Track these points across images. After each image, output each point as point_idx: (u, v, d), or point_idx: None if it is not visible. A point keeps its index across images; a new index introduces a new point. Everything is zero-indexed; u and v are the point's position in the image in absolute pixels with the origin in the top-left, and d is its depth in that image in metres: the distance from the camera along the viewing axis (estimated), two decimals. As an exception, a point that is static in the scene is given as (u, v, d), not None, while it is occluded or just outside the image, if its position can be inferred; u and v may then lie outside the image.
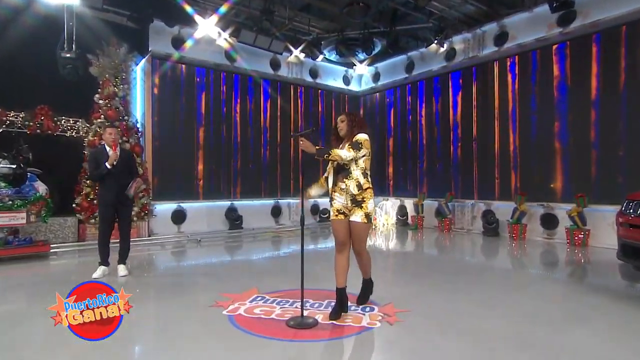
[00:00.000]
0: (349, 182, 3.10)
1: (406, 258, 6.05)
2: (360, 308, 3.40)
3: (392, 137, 10.37)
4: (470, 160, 8.54)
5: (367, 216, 3.11)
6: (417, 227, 8.95)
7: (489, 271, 5.16)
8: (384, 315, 3.25)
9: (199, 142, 8.41)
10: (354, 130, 3.17)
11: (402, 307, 3.43)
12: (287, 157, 9.73)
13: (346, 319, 3.17)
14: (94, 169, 4.33)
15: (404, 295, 3.83)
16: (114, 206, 4.38)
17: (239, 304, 3.51)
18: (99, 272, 4.38)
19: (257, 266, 5.24)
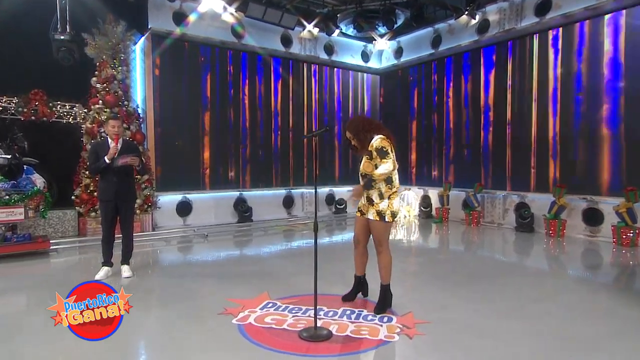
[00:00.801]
0: (372, 192, 3.32)
1: (428, 256, 5.94)
2: (378, 318, 3.36)
3: (415, 120, 10.14)
4: (503, 147, 8.26)
5: (380, 214, 3.28)
6: (442, 220, 8.81)
7: (522, 273, 5.00)
8: (402, 327, 3.22)
9: (204, 128, 8.36)
10: (367, 137, 3.29)
11: (423, 318, 3.39)
12: (300, 143, 9.62)
13: (362, 330, 3.14)
14: (92, 162, 4.32)
15: (425, 303, 3.75)
16: (115, 203, 4.38)
17: (249, 312, 3.50)
18: (102, 273, 4.42)
19: (268, 265, 5.22)
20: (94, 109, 6.68)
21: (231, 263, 5.34)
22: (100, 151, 4.31)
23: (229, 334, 3.10)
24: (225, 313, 3.46)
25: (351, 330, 3.15)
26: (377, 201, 3.30)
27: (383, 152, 3.23)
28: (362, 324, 3.26)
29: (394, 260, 3.62)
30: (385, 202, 3.27)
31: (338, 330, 3.15)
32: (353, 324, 3.25)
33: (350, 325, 3.23)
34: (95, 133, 6.63)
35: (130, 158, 4.25)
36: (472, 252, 6.41)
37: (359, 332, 3.12)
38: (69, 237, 6.46)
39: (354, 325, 3.23)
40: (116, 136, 4.31)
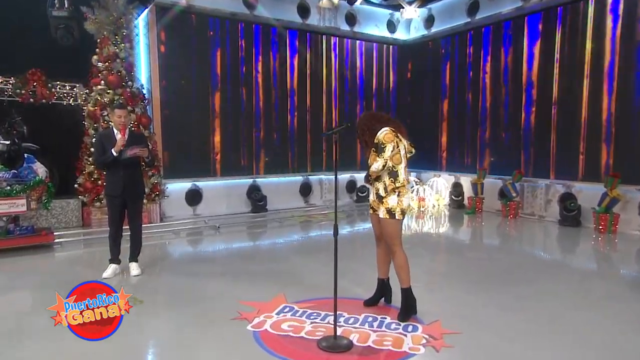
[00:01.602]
0: (378, 185, 3.45)
1: (459, 253, 5.82)
2: (402, 327, 3.31)
3: (447, 98, 9.88)
4: (547, 129, 7.95)
5: (390, 212, 3.38)
6: (475, 210, 8.63)
7: (566, 275, 4.83)
8: (429, 337, 3.17)
9: (214, 110, 8.33)
10: (369, 142, 3.42)
11: (452, 327, 3.31)
12: (319, 124, 9.51)
13: (385, 341, 3.10)
14: (98, 155, 4.36)
15: (454, 310, 3.68)
16: (122, 199, 4.41)
17: (265, 317, 3.50)
18: (110, 271, 4.49)
19: (284, 262, 5.22)
20: (96, 90, 6.73)
21: (244, 259, 5.37)
22: (106, 143, 4.32)
23: (243, 342, 3.09)
24: (239, 318, 3.47)
25: (373, 340, 3.12)
26: (383, 195, 3.40)
27: (380, 149, 3.34)
28: (385, 333, 3.22)
29: (420, 258, 3.75)
30: (394, 198, 3.37)
31: (359, 339, 3.13)
32: (375, 333, 3.22)
33: (372, 335, 3.21)
34: (98, 117, 6.68)
35: (140, 149, 4.25)
36: (508, 249, 6.23)
37: (381, 343, 3.09)
38: (73, 229, 6.62)
39: (376, 335, 3.20)
40: (123, 127, 4.30)
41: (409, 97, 10.84)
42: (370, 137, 3.40)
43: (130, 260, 4.63)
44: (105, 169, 4.48)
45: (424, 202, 8.93)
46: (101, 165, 4.42)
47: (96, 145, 4.46)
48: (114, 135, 4.34)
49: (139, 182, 4.59)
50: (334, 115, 9.71)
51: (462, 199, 9.26)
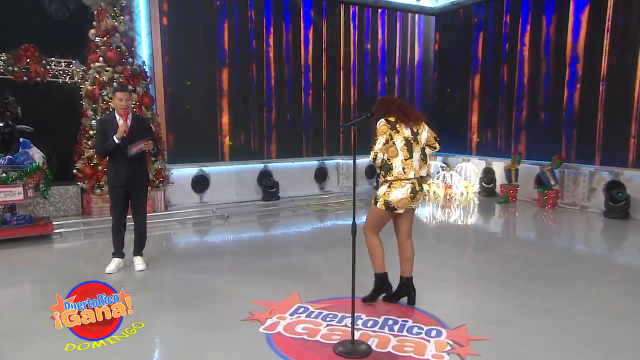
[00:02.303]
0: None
1: (489, 248, 5.72)
2: (425, 331, 3.31)
3: (478, 73, 9.72)
4: (593, 109, 7.73)
5: (375, 199, 3.63)
6: (508, 199, 8.51)
7: (612, 274, 4.70)
8: (454, 344, 3.16)
9: (222, 88, 8.31)
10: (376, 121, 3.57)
11: (479, 333, 3.28)
12: (336, 104, 9.44)
13: (406, 346, 3.11)
14: (100, 143, 4.38)
15: (482, 314, 3.63)
16: (126, 189, 4.44)
17: (278, 318, 3.53)
18: (113, 266, 4.55)
19: (298, 256, 5.22)
20: (94, 67, 6.76)
21: (255, 253, 5.40)
22: (107, 129, 4.32)
23: (255, 346, 3.11)
24: (251, 319, 3.49)
25: (393, 346, 3.12)
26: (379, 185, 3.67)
27: (374, 142, 3.57)
28: (406, 338, 3.22)
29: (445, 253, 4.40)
30: (383, 188, 3.59)
31: (378, 345, 3.14)
32: (396, 338, 3.22)
33: (392, 340, 3.20)
34: (97, 96, 6.73)
35: (144, 143, 4.27)
36: (545, 244, 6.12)
37: (402, 349, 3.09)
38: (73, 217, 6.75)
39: (396, 340, 3.20)
40: (125, 111, 4.28)
41: (436, 72, 10.69)
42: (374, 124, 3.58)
43: (135, 254, 4.69)
44: (107, 158, 4.50)
45: (451, 189, 8.83)
46: (103, 154, 4.45)
47: (97, 132, 4.48)
48: (116, 121, 4.33)
49: (144, 172, 4.61)
50: (353, 94, 9.63)
51: (494, 186, 9.14)
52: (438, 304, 3.79)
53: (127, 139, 4.26)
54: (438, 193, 8.82)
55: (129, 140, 4.26)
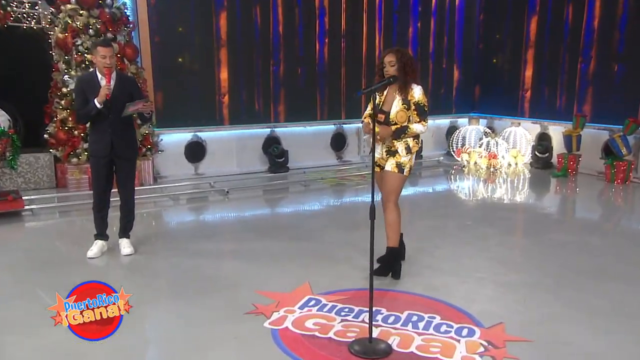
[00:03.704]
0: (398, 145, 4.07)
1: (540, 232, 5.71)
2: (455, 329, 3.39)
3: (536, 15, 9.54)
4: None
5: (399, 166, 4.08)
6: (567, 172, 8.46)
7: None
8: (488, 344, 3.21)
9: (220, 37, 8.30)
10: (408, 79, 3.97)
11: (519, 333, 3.33)
12: (358, 55, 9.36)
13: (432, 347, 3.19)
14: (80, 106, 4.41)
15: (524, 311, 3.67)
16: (110, 160, 4.51)
17: (286, 311, 3.62)
18: (96, 249, 4.67)
19: (310, 240, 5.29)
20: (65, 10, 6.79)
21: (260, 235, 5.50)
22: (88, 90, 4.35)
23: (260, 342, 3.21)
24: (255, 312, 3.59)
25: (417, 346, 3.20)
26: (402, 153, 4.07)
27: (424, 113, 4.05)
28: (432, 337, 3.29)
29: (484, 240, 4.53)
30: (409, 156, 4.10)
31: (400, 344, 3.21)
32: (420, 337, 3.30)
33: (416, 338, 3.28)
34: (70, 46, 6.80)
35: (143, 104, 4.35)
36: (611, 229, 6.12)
37: (427, 349, 3.16)
38: (45, 191, 6.91)
39: (421, 339, 3.28)
40: (108, 70, 4.29)
41: (482, 14, 10.44)
42: (408, 78, 3.98)
43: (121, 235, 4.81)
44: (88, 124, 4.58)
45: (496, 160, 8.80)
46: (83, 120, 4.55)
47: (76, 94, 4.52)
48: (98, 81, 4.38)
49: (132, 139, 4.69)
50: (378, 43, 9.53)
51: (550, 156, 9.10)
52: (472, 298, 3.85)
53: (111, 102, 4.32)
54: (480, 164, 8.81)
55: (113, 105, 4.33)
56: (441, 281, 4.18)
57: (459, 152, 9.30)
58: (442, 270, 4.41)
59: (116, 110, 4.36)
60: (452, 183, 8.35)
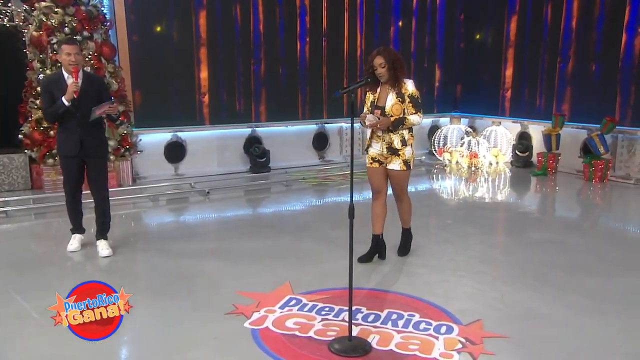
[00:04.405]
0: (394, 137, 4.31)
1: (520, 230, 5.80)
2: (434, 327, 3.45)
3: (515, 14, 9.64)
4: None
5: (406, 163, 4.36)
6: (547, 171, 8.57)
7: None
8: (465, 341, 3.28)
9: (199, 35, 8.28)
10: (398, 75, 4.24)
11: (497, 330, 3.39)
12: (339, 55, 9.38)
13: (411, 344, 3.24)
14: (47, 106, 4.42)
15: (502, 308, 3.73)
16: (80, 160, 4.53)
17: (266, 311, 3.66)
18: (76, 243, 4.75)
19: (291, 241, 5.31)
20: (40, 7, 6.71)
21: (241, 235, 5.50)
22: (54, 89, 4.36)
23: (240, 343, 3.23)
24: (235, 312, 3.61)
25: (396, 343, 3.25)
26: (399, 148, 4.30)
27: (419, 104, 4.35)
28: (411, 335, 3.35)
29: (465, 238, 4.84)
30: (409, 149, 4.36)
31: (379, 342, 3.26)
32: (400, 335, 3.35)
33: (395, 336, 3.33)
34: (45, 44, 6.72)
35: (109, 106, 4.35)
36: (590, 227, 6.21)
37: (406, 347, 3.22)
38: (20, 193, 6.83)
39: (400, 336, 3.33)
40: (74, 68, 4.32)
41: (463, 13, 10.54)
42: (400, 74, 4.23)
43: (98, 237, 4.79)
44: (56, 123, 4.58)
45: (477, 159, 8.88)
46: (51, 118, 4.53)
47: (43, 93, 4.52)
48: (64, 79, 4.38)
49: (101, 138, 4.68)
50: (359, 42, 9.56)
51: (530, 155, 9.20)
52: (452, 296, 3.91)
53: (79, 100, 4.33)
54: (461, 163, 8.89)
55: (81, 103, 4.34)
56: (421, 279, 4.24)
57: (441, 151, 9.38)
58: (422, 269, 4.46)
59: (84, 108, 4.36)
60: (434, 182, 8.42)
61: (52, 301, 2.74)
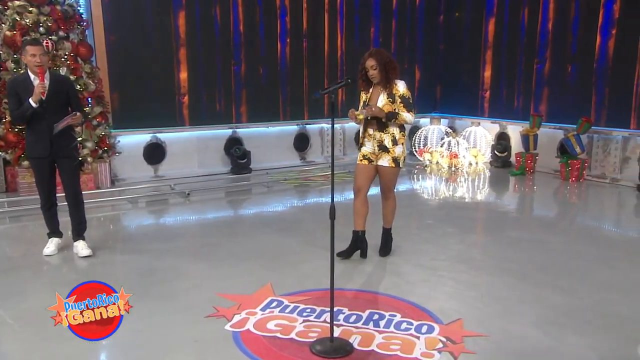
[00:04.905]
0: (385, 136, 4.41)
1: (499, 229, 5.86)
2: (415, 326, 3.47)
3: (493, 17, 9.74)
4: (631, 61, 7.79)
5: (395, 160, 4.45)
6: (525, 170, 8.67)
7: None
8: (446, 340, 3.31)
9: (179, 35, 8.23)
10: (390, 76, 4.34)
11: (476, 329, 3.43)
12: (320, 55, 9.40)
13: (392, 344, 3.25)
14: (14, 108, 4.39)
15: (482, 308, 3.76)
16: (51, 161, 4.51)
17: (247, 313, 3.64)
18: (52, 247, 4.70)
19: (272, 242, 5.30)
20: (13, 7, 6.59)
21: (222, 237, 5.47)
22: (21, 91, 4.34)
23: (221, 345, 3.22)
24: (216, 315, 3.59)
25: (378, 344, 3.26)
26: (390, 146, 4.40)
27: (410, 104, 4.41)
28: (393, 335, 3.37)
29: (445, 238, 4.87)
30: (400, 147, 4.44)
31: (361, 342, 3.27)
32: (381, 335, 3.36)
33: (377, 336, 3.35)
34: (19, 44, 6.55)
35: (71, 118, 4.35)
36: (567, 225, 6.29)
37: (387, 347, 3.23)
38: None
39: (382, 337, 3.34)
40: (40, 69, 4.30)
41: (442, 15, 10.62)
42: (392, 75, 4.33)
43: (75, 239, 4.76)
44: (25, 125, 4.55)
45: (457, 159, 8.95)
46: (19, 120, 4.52)
47: (9, 96, 4.49)
48: (31, 81, 4.36)
49: (71, 138, 4.65)
50: (340, 43, 9.58)
51: (509, 155, 9.29)
52: (432, 296, 3.93)
53: (47, 102, 4.31)
54: (442, 164, 8.95)
55: (50, 104, 4.33)
56: (402, 279, 4.25)
57: (422, 151, 9.43)
58: (403, 269, 4.48)
59: (53, 109, 4.36)
60: (415, 182, 8.45)
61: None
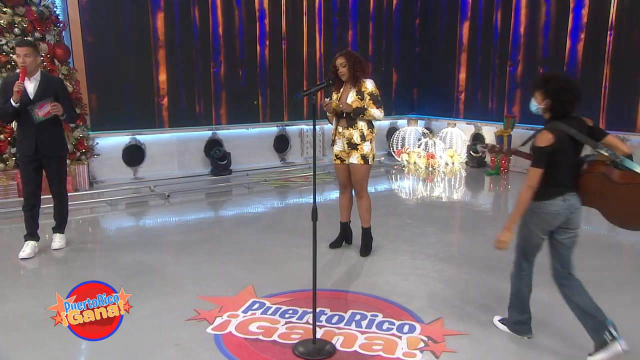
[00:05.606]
0: (353, 132, 4.53)
1: (475, 228, 5.93)
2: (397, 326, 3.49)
3: (468, 20, 9.85)
4: (599, 62, 7.93)
5: (364, 157, 4.54)
6: (500, 170, 8.78)
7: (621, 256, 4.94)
8: (428, 339, 3.33)
9: (157, 37, 8.15)
10: (358, 75, 4.50)
11: (457, 328, 3.46)
12: (299, 58, 9.39)
13: (374, 344, 3.26)
14: (1, 106, 4.44)
15: (462, 306, 3.78)
16: (37, 160, 4.53)
17: (229, 316, 3.62)
18: (28, 250, 4.66)
19: (253, 243, 5.28)
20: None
21: (202, 239, 5.41)
22: (9, 90, 4.36)
23: (202, 349, 3.19)
24: (197, 318, 3.56)
25: (360, 344, 3.27)
26: (359, 142, 4.50)
27: (378, 101, 4.56)
28: (375, 335, 3.37)
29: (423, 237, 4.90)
30: (368, 144, 4.55)
31: (343, 343, 3.27)
32: (363, 335, 3.37)
33: (359, 337, 3.35)
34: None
35: (51, 105, 4.33)
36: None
37: (370, 347, 3.23)
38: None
39: (364, 337, 3.34)
40: (22, 69, 4.34)
41: (418, 18, 10.70)
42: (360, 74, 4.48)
43: (55, 230, 4.84)
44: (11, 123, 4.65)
45: (434, 159, 9.01)
46: (4, 118, 4.58)
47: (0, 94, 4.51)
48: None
49: (58, 137, 4.67)
50: (319, 45, 9.60)
51: (484, 155, 9.35)
52: (413, 295, 3.94)
53: (32, 102, 4.34)
54: (419, 164, 9.00)
55: (35, 101, 4.35)
56: (383, 279, 4.25)
57: (399, 152, 9.47)
58: (383, 269, 4.48)
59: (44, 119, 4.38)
60: (393, 183, 8.49)
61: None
